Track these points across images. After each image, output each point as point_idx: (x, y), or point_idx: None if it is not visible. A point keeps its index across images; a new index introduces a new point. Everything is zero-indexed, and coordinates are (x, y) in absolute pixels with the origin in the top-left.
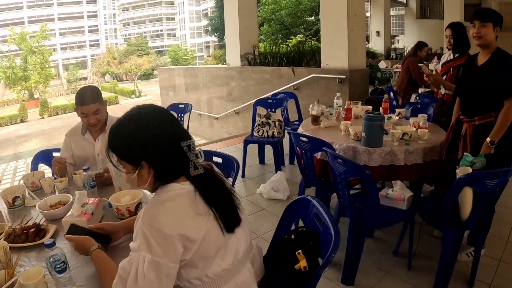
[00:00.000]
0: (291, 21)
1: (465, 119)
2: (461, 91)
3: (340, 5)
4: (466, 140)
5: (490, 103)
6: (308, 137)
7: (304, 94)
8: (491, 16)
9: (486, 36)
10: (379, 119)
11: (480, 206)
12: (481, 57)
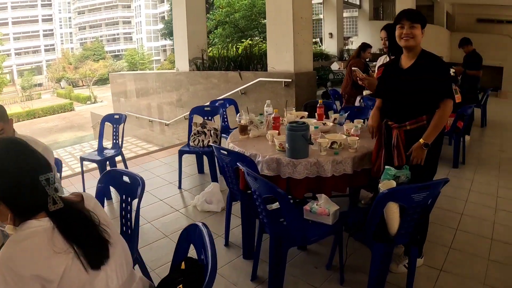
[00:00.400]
0: (246, 24)
1: (394, 124)
2: (386, 95)
3: (285, 8)
4: (399, 148)
5: (422, 106)
6: (228, 150)
7: (251, 98)
8: (420, 17)
9: (416, 38)
10: (302, 129)
11: (409, 221)
12: (406, 60)
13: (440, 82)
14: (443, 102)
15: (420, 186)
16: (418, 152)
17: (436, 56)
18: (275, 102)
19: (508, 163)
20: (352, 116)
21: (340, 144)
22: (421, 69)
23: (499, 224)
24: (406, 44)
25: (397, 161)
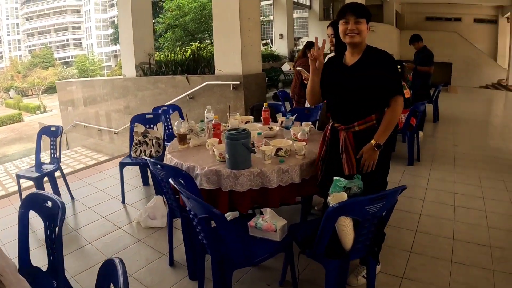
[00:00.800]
0: (196, 26)
1: (341, 126)
2: (329, 93)
3: (232, 9)
4: (348, 152)
5: (370, 105)
6: (162, 164)
7: (200, 102)
8: (365, 11)
9: (362, 33)
10: (242, 136)
11: (366, 234)
12: (350, 57)
13: (389, 78)
14: (393, 99)
15: (374, 197)
16: (369, 154)
17: (383, 51)
18: (224, 106)
19: (463, 158)
20: (301, 119)
21: (286, 150)
22: (367, 66)
23: (459, 222)
24: (351, 41)
25: (347, 167)
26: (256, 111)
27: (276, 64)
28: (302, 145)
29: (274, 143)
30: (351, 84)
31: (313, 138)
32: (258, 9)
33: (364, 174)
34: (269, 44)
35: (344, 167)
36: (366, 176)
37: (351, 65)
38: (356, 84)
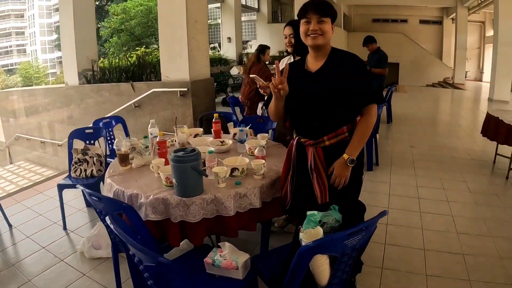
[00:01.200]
0: (142, 31)
1: (309, 141)
2: (293, 108)
3: (179, 11)
4: (319, 171)
5: (341, 116)
6: (99, 196)
7: (146, 111)
8: (330, 10)
9: (326, 34)
10: (191, 158)
11: (344, 268)
12: (313, 61)
13: (359, 84)
14: (366, 108)
15: (354, 231)
16: (341, 170)
17: (351, 53)
18: (171, 114)
19: (421, 160)
20: (255, 128)
21: (243, 170)
22: (333, 71)
23: (428, 230)
24: (313, 43)
25: (318, 188)
26: (205, 121)
27: (224, 68)
28: (261, 164)
29: (228, 162)
30: (316, 93)
31: (270, 152)
32: (205, 11)
33: (336, 191)
34: (217, 48)
35: (315, 189)
36: (338, 194)
37: (315, 71)
38: (323, 93)
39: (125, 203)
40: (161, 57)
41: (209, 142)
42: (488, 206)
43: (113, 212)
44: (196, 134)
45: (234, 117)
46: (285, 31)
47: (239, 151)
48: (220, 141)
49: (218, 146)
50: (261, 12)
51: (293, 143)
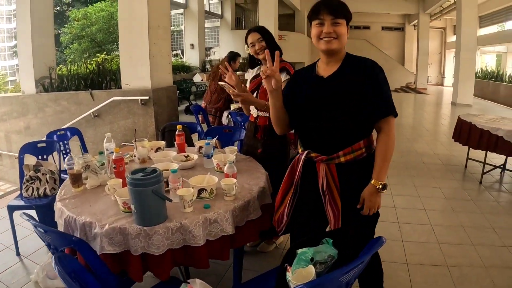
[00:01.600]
0: (103, 37)
1: (320, 157)
2: (303, 118)
3: (140, 16)
4: (332, 192)
5: (358, 128)
6: (45, 228)
7: (106, 121)
8: (345, 11)
9: (342, 38)
10: (152, 181)
11: None
12: (325, 67)
13: (378, 93)
14: (385, 120)
15: (349, 269)
16: (374, 199)
17: (367, 59)
18: (132, 124)
19: (394, 167)
20: (222, 140)
21: (212, 191)
22: (349, 76)
23: (408, 242)
24: (327, 47)
25: (331, 213)
26: (168, 133)
27: (187, 76)
28: (232, 184)
29: (194, 181)
30: (327, 99)
31: (240, 168)
32: (168, 16)
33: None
34: (179, 55)
35: (327, 213)
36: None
37: (327, 76)
38: (335, 99)
39: (75, 237)
40: (121, 64)
41: (173, 158)
42: (465, 212)
43: (63, 246)
44: (157, 148)
45: (198, 127)
46: (251, 38)
47: (206, 167)
48: (185, 155)
49: (182, 162)
50: (224, 18)
51: (299, 158)
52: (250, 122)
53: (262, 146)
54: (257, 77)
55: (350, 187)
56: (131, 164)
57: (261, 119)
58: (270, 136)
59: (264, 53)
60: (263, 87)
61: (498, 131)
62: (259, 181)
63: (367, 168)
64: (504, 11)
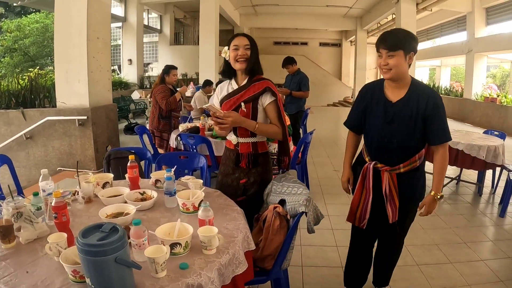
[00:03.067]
0: (37, 50)
1: (385, 167)
2: (371, 132)
3: (78, 26)
4: (393, 196)
5: (418, 146)
6: None
7: (39, 144)
8: (400, 42)
9: (397, 68)
10: (115, 247)
11: None
12: (393, 90)
13: (440, 122)
14: (442, 145)
15: None
16: (432, 205)
17: (430, 89)
18: (69, 148)
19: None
20: (176, 168)
21: (187, 244)
22: (415, 105)
23: None
24: (386, 77)
25: (391, 212)
26: (114, 161)
27: (125, 93)
28: (213, 234)
29: (162, 232)
30: (398, 122)
31: (215, 204)
32: (108, 28)
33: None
34: (116, 71)
35: (387, 210)
36: (406, 215)
37: (396, 101)
38: (404, 123)
39: None
40: (56, 80)
41: (126, 196)
42: (435, 229)
43: None
44: (105, 182)
45: (148, 153)
46: (237, 41)
47: (168, 206)
48: (140, 192)
49: (140, 203)
50: (163, 33)
51: (368, 167)
52: (229, 150)
53: (246, 175)
54: (232, 96)
55: (406, 190)
56: (73, 204)
57: (242, 146)
58: (254, 164)
59: (243, 62)
60: (243, 111)
61: (458, 145)
62: (238, 224)
63: (419, 176)
64: (439, 27)
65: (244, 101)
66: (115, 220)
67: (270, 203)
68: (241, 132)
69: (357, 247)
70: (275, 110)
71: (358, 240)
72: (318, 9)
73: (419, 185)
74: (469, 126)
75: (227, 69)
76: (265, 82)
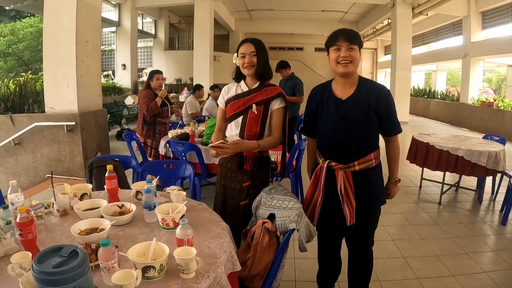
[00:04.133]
0: (31, 55)
1: (339, 165)
2: (324, 131)
3: (67, 29)
4: (348, 194)
5: (371, 143)
6: None
7: (28, 150)
8: (358, 38)
9: (356, 61)
10: (74, 274)
11: None
12: (342, 88)
13: (390, 115)
14: (392, 138)
15: None
16: (394, 189)
17: (378, 84)
18: (57, 153)
19: None
20: (162, 178)
21: (162, 267)
22: (364, 100)
23: (385, 281)
24: (345, 70)
25: (348, 211)
26: (97, 170)
27: (118, 98)
28: (191, 256)
29: (135, 253)
30: (349, 119)
31: (192, 220)
32: (98, 32)
33: (363, 214)
34: (110, 76)
35: (345, 212)
36: (365, 217)
37: (346, 98)
38: (354, 120)
39: None
40: (45, 85)
41: (103, 210)
42: (435, 239)
43: None
44: (83, 193)
45: (133, 161)
46: (243, 48)
47: (148, 221)
48: (118, 205)
49: (116, 217)
50: (158, 38)
51: (322, 166)
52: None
53: (250, 179)
54: (241, 97)
55: (362, 190)
56: (48, 218)
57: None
58: (259, 166)
59: (250, 68)
60: (253, 112)
61: (458, 151)
62: (222, 242)
63: (376, 175)
64: (434, 32)
65: (256, 103)
66: (88, 237)
67: (259, 217)
68: (249, 135)
69: (322, 252)
70: (282, 117)
71: (322, 245)
72: (313, 14)
73: (377, 184)
74: (466, 130)
75: (239, 74)
76: (278, 88)
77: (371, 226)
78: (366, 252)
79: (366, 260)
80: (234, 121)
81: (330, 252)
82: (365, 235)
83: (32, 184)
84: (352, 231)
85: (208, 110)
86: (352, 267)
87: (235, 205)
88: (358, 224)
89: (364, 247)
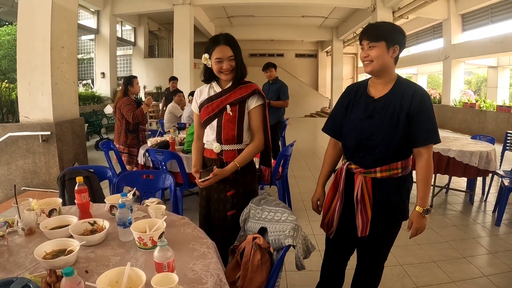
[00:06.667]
0: (9, 64)
1: (359, 169)
2: (350, 132)
3: (41, 34)
4: (364, 202)
5: (400, 149)
6: None
7: (2, 161)
8: (382, 33)
9: (377, 60)
10: None
11: None
12: (377, 87)
13: (425, 120)
14: (426, 148)
15: None
16: (420, 222)
17: (417, 86)
18: (33, 164)
19: None
20: (140, 189)
21: None
22: (399, 101)
23: None
24: (366, 70)
25: (361, 222)
26: (69, 182)
27: (97, 107)
28: (172, 285)
29: (107, 280)
30: (378, 120)
31: (172, 237)
32: (74, 37)
33: (377, 227)
34: (89, 84)
35: (357, 222)
36: (379, 230)
37: (378, 97)
38: (384, 121)
39: None
40: (19, 93)
41: (72, 229)
42: (430, 244)
43: None
44: (52, 209)
45: (109, 172)
46: (219, 53)
47: (122, 240)
48: (90, 222)
49: (86, 237)
50: (137, 46)
51: (342, 168)
52: (210, 160)
53: (233, 187)
54: (214, 100)
55: (382, 201)
56: (11, 238)
57: (227, 154)
58: (242, 172)
59: (229, 73)
60: (228, 114)
61: (449, 152)
62: (208, 263)
63: (400, 187)
64: (414, 36)
65: (230, 104)
66: (54, 262)
67: (248, 231)
68: (226, 139)
69: (329, 261)
70: (261, 115)
71: (330, 253)
72: (293, 19)
73: (401, 197)
74: (449, 132)
75: (209, 75)
76: (253, 84)
77: (388, 240)
78: (377, 266)
79: (374, 274)
80: (209, 125)
81: (338, 261)
82: (379, 249)
83: (7, 198)
84: (365, 242)
85: (190, 116)
86: (358, 279)
87: (221, 216)
88: (372, 236)
89: (376, 260)
